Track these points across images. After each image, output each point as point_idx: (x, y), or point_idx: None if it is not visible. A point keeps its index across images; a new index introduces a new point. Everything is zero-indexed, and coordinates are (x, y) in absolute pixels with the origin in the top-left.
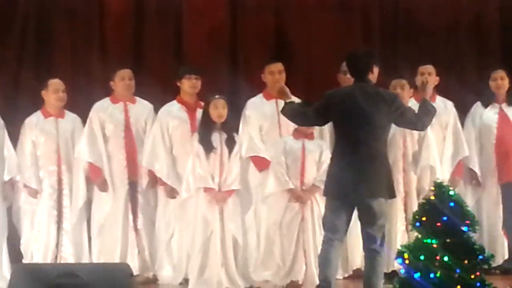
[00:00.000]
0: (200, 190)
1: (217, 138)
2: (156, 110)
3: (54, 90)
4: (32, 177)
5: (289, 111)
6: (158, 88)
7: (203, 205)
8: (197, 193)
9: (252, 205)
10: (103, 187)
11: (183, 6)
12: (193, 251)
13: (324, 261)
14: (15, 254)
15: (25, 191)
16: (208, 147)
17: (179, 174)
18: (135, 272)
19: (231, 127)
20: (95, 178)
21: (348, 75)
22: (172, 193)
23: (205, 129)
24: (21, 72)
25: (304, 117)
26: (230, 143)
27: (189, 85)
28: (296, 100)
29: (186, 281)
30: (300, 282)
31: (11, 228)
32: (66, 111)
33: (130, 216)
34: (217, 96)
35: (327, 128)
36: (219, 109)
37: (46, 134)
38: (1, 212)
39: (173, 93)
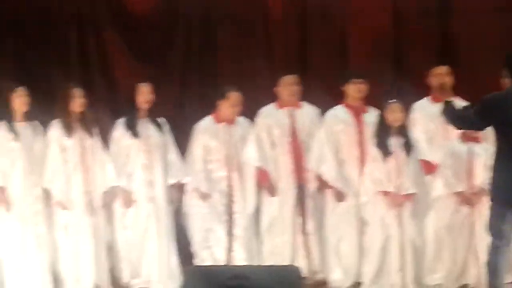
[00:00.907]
0: (377, 194)
1: (394, 142)
2: (322, 114)
3: (232, 104)
4: (202, 181)
5: (449, 113)
6: (324, 93)
7: (381, 209)
8: (374, 197)
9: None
10: (272, 191)
11: (346, 10)
12: (369, 255)
13: (493, 270)
14: (186, 256)
15: (195, 195)
16: (385, 151)
17: (346, 177)
18: (304, 275)
19: (407, 131)
20: (263, 182)
21: (507, 79)
22: (340, 196)
23: (381, 133)
24: (188, 79)
25: (463, 120)
26: (408, 147)
27: (354, 89)
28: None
29: (356, 284)
30: (472, 286)
31: (180, 231)
32: (239, 117)
33: (299, 220)
34: (393, 100)
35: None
36: (396, 113)
37: (217, 140)
38: (167, 215)
39: (338, 97)
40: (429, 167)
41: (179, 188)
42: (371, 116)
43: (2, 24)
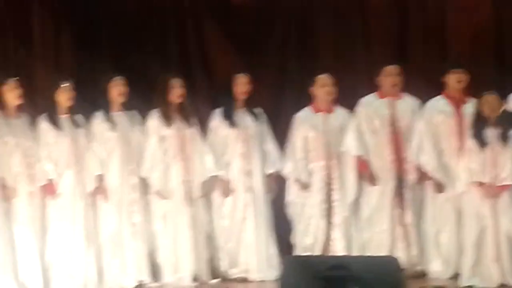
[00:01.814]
0: (473, 185)
1: (490, 133)
2: (422, 105)
3: (322, 85)
4: (302, 171)
5: None
6: (423, 84)
7: (476, 200)
8: (470, 188)
9: None
10: (372, 181)
11: (446, 0)
12: (467, 246)
13: None
14: (285, 246)
15: (295, 185)
16: (481, 142)
17: (446, 168)
18: (403, 266)
19: (509, 122)
20: (363, 171)
21: None
22: (439, 187)
23: (478, 124)
24: (287, 69)
25: None
26: (504, 138)
27: (455, 80)
28: None
29: (456, 275)
30: None
31: (280, 220)
32: (337, 107)
33: (398, 211)
34: (489, 91)
35: None
36: (492, 104)
37: (316, 129)
38: (265, 204)
39: (438, 88)
40: None
41: (276, 178)
42: (471, 107)
43: (101, 14)
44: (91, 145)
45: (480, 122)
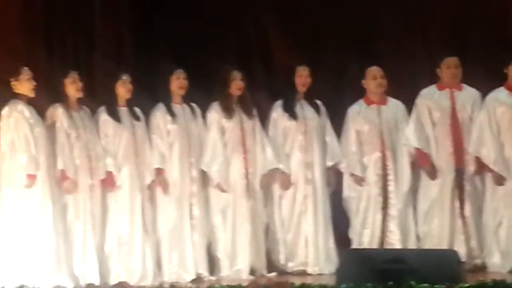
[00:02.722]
0: None
1: None
2: (483, 97)
3: (372, 77)
4: (357, 164)
5: None
6: (484, 75)
7: None
8: None
9: None
10: (432, 173)
11: None
12: None
13: None
14: (343, 239)
15: (350, 179)
16: None
17: (507, 160)
18: (462, 259)
19: None
20: (424, 164)
21: None
22: (499, 179)
23: None
24: (345, 62)
25: None
26: None
27: None
28: None
29: None
30: None
31: (338, 213)
32: (389, 98)
33: (457, 203)
34: None
35: None
36: None
37: (369, 122)
38: (325, 197)
39: (499, 79)
40: None
41: (337, 170)
42: None
43: (161, 7)
44: (151, 137)
45: None
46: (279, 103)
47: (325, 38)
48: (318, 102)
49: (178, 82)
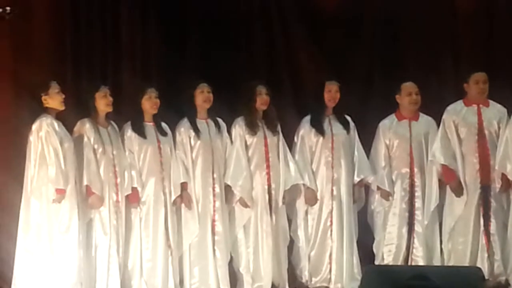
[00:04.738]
0: None
1: None
2: (510, 113)
3: (407, 93)
4: (385, 179)
5: None
6: (510, 91)
7: None
8: None
9: None
10: (458, 190)
11: None
12: None
13: None
14: (366, 255)
15: (378, 193)
16: None
17: None
18: (486, 276)
19: None
20: (450, 180)
21: None
22: None
23: None
24: (374, 76)
25: None
26: None
27: None
28: None
29: None
30: None
31: (362, 229)
32: (421, 114)
33: (482, 220)
34: None
35: None
36: None
37: (400, 137)
38: (350, 213)
39: None
40: None
41: (364, 186)
42: None
43: (189, 21)
44: (175, 152)
45: None
46: (307, 119)
47: (353, 52)
48: (348, 117)
49: (202, 96)
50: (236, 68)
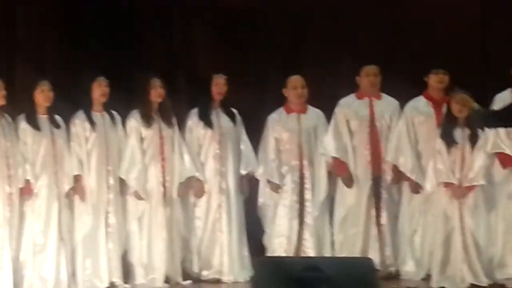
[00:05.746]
0: (440, 185)
1: (459, 133)
2: (402, 105)
3: (293, 87)
4: (275, 172)
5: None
6: (405, 84)
7: (444, 200)
8: (438, 188)
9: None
10: (349, 182)
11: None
12: (435, 246)
13: None
14: (258, 248)
15: (267, 186)
16: (450, 142)
17: (424, 169)
18: (377, 267)
19: (474, 122)
20: (341, 173)
21: None
22: (416, 188)
23: (447, 124)
24: (267, 69)
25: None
26: (473, 139)
27: (436, 80)
28: None
29: (428, 276)
30: None
31: (252, 222)
32: (309, 107)
33: (373, 211)
34: (459, 91)
35: None
36: (460, 104)
37: (289, 130)
38: (239, 205)
39: (419, 88)
40: (507, 161)
41: (251, 178)
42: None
43: (84, 13)
44: (69, 145)
45: (449, 122)
46: (195, 111)
47: (248, 45)
48: (234, 110)
49: (100, 90)
50: (131, 61)
